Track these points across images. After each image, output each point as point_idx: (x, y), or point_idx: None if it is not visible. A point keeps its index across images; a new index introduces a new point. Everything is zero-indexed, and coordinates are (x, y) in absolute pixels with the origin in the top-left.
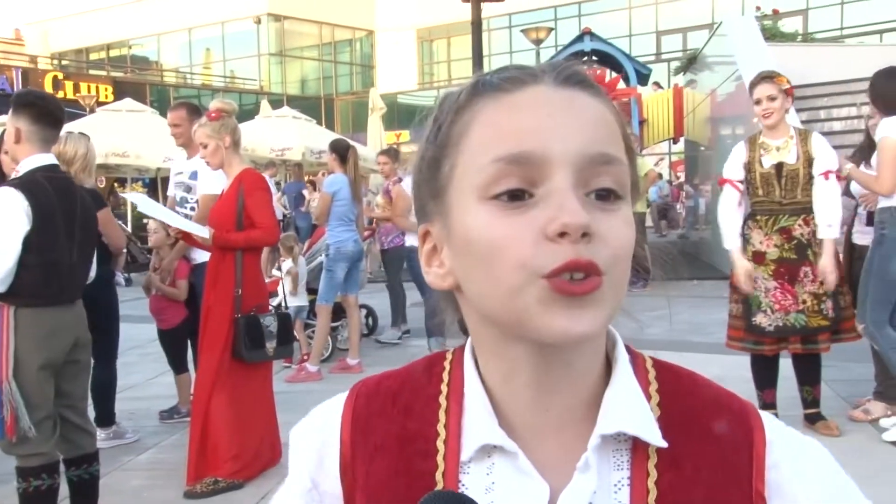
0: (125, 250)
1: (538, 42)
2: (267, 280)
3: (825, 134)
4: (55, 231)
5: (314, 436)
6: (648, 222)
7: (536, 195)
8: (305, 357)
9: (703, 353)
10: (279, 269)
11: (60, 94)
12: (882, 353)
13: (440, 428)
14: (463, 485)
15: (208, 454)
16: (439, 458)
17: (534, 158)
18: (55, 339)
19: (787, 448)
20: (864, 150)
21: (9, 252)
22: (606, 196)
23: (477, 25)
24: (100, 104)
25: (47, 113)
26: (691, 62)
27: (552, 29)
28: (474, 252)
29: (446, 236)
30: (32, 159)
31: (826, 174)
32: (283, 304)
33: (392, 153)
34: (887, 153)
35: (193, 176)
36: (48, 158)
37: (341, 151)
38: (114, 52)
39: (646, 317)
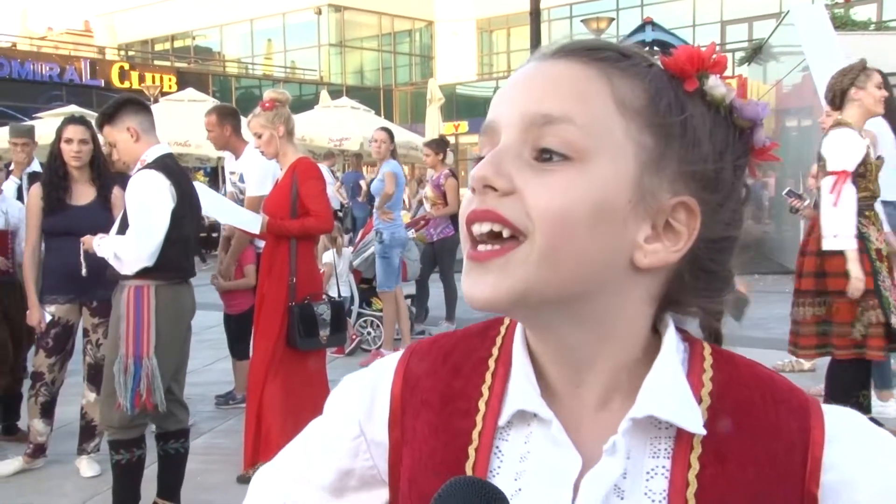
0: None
1: (599, 32)
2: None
3: None
4: (187, 210)
5: (367, 386)
6: None
7: None
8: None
9: (761, 348)
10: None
11: (126, 85)
12: None
13: (484, 389)
14: (498, 449)
15: (262, 440)
16: (478, 418)
17: (492, 126)
18: (185, 315)
19: (848, 448)
20: None
21: (159, 227)
22: (549, 157)
23: (536, 15)
24: (163, 94)
25: (142, 104)
26: (756, 52)
27: (613, 19)
28: None
29: None
30: (155, 149)
31: None
32: (337, 292)
33: (436, 144)
34: None
35: (241, 179)
36: (167, 147)
37: (393, 139)
38: (178, 43)
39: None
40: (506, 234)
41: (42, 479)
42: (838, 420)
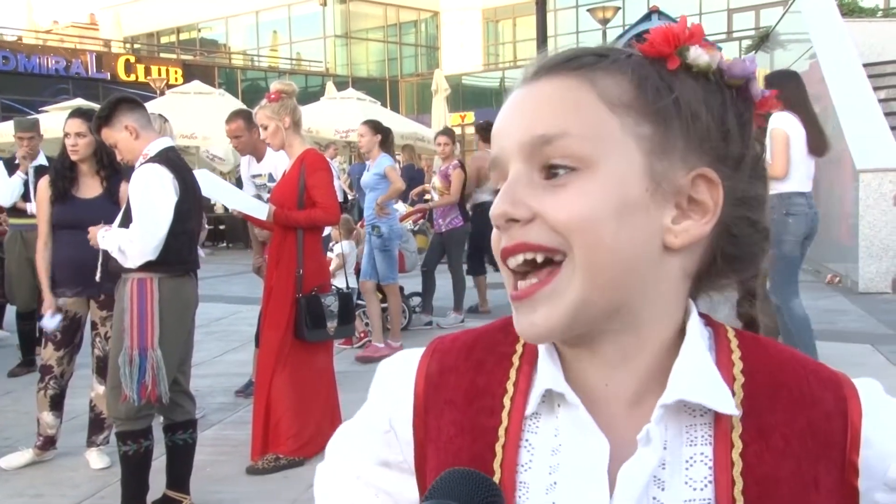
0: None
1: (605, 22)
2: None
3: None
4: (190, 202)
5: (395, 382)
6: None
7: None
8: (363, 335)
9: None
10: (331, 250)
11: (132, 78)
12: (787, 325)
13: (509, 385)
14: (528, 442)
15: (270, 431)
16: (504, 414)
17: (497, 161)
18: (189, 307)
19: (884, 423)
20: None
21: (163, 220)
22: (556, 173)
23: (542, 5)
24: (169, 87)
25: (133, 101)
26: (764, 40)
27: (619, 8)
28: None
29: None
30: (157, 143)
31: None
32: (345, 283)
33: (452, 134)
34: (777, 142)
35: (270, 178)
36: (168, 140)
37: (385, 133)
38: (183, 36)
39: (715, 299)
40: (540, 258)
41: (52, 471)
42: (870, 393)
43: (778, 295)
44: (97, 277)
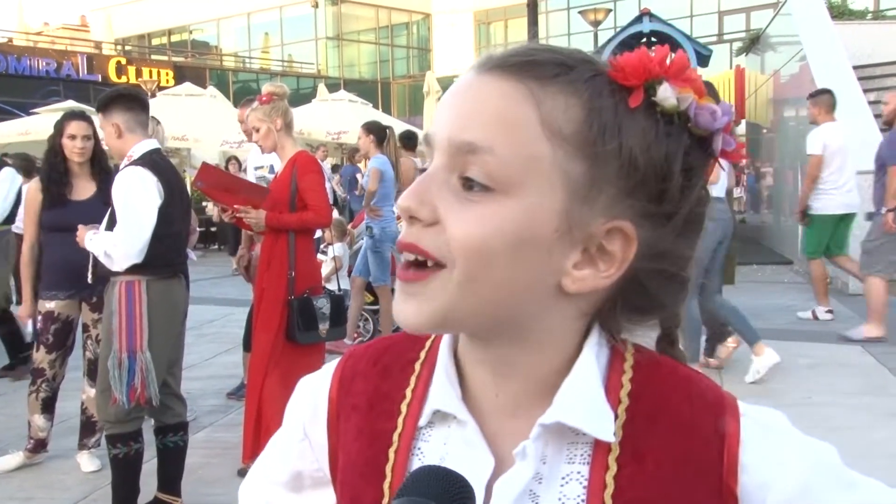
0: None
1: (596, 24)
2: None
3: None
4: (176, 205)
5: (311, 391)
6: None
7: None
8: (356, 337)
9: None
10: (324, 252)
11: (123, 80)
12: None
13: (408, 392)
14: (419, 450)
15: (262, 434)
16: (400, 420)
17: (429, 140)
18: (178, 309)
19: (763, 449)
20: None
21: (147, 223)
22: (472, 186)
23: (533, 7)
24: (161, 89)
25: (134, 99)
26: (754, 43)
27: (610, 10)
28: None
29: None
30: (141, 145)
31: None
32: (337, 286)
33: None
34: None
35: (271, 171)
36: (154, 143)
37: (379, 133)
38: (175, 38)
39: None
40: (430, 263)
41: (43, 474)
42: (754, 420)
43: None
44: (89, 279)
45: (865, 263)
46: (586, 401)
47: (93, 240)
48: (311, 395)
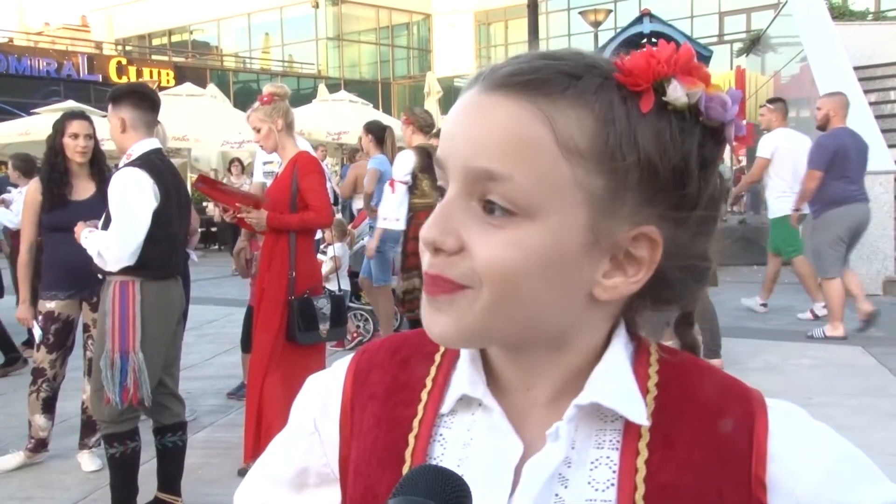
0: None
1: (596, 24)
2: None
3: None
4: (173, 207)
5: (323, 385)
6: None
7: None
8: (355, 336)
9: (759, 339)
10: (324, 253)
11: (124, 80)
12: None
13: (428, 381)
14: (442, 437)
15: (262, 434)
16: (420, 407)
17: (441, 164)
18: (172, 310)
19: (792, 441)
20: None
21: (141, 226)
22: (493, 210)
23: (534, 8)
24: (161, 89)
25: (145, 98)
26: (754, 43)
27: (611, 11)
28: None
29: None
30: (142, 144)
31: None
32: (337, 286)
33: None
34: None
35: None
36: (155, 142)
37: (378, 133)
38: (175, 38)
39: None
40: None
41: (44, 473)
42: (781, 412)
43: None
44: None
45: (820, 268)
46: (619, 385)
47: (87, 238)
48: (322, 390)
